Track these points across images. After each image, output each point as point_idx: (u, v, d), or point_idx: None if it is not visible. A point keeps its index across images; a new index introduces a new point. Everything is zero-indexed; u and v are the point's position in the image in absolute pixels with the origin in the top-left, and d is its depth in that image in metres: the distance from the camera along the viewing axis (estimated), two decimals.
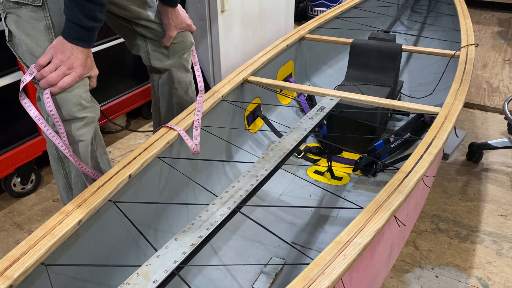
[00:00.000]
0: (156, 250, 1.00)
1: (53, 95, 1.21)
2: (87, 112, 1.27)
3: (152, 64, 1.58)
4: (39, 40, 1.22)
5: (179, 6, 1.54)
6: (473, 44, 2.03)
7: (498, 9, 4.41)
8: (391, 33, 2.46)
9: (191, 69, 1.66)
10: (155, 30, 1.52)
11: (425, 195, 1.69)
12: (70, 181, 1.36)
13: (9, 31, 1.24)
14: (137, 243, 1.31)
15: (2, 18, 1.23)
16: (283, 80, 2.22)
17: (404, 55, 2.62)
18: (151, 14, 1.50)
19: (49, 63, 1.19)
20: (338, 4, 3.78)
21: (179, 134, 1.41)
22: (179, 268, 0.96)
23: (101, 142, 1.40)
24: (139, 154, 1.29)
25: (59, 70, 1.19)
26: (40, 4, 1.18)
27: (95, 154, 1.37)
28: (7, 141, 1.82)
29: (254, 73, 1.86)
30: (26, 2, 1.18)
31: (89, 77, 1.28)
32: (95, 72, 1.28)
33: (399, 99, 2.32)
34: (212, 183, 1.65)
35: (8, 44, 1.27)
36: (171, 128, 1.41)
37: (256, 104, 1.99)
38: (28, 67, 1.26)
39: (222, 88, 1.69)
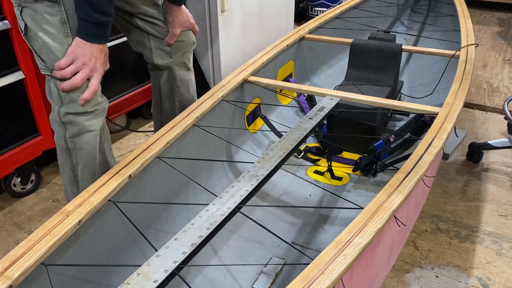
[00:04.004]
0: (156, 250, 1.00)
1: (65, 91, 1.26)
2: (98, 105, 1.31)
3: (154, 62, 1.59)
4: (54, 34, 1.24)
5: (183, 5, 1.55)
6: (473, 44, 2.03)
7: (498, 9, 4.41)
8: (391, 33, 2.46)
9: (192, 68, 1.67)
10: (159, 27, 1.53)
11: (425, 195, 1.69)
12: (77, 174, 1.37)
13: (25, 25, 1.25)
14: (137, 243, 1.31)
15: (18, 12, 1.24)
16: (283, 80, 2.22)
17: (404, 55, 2.62)
18: (156, 11, 1.52)
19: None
20: (338, 4, 3.77)
21: (178, 134, 1.41)
22: (179, 268, 0.96)
23: (107, 136, 1.43)
24: (139, 154, 1.29)
25: (83, 73, 1.24)
26: None
27: (102, 147, 1.40)
28: (7, 141, 1.82)
29: (254, 73, 1.86)
30: None
31: None
32: (107, 66, 1.34)
33: (399, 99, 2.32)
34: (212, 183, 1.65)
35: (24, 37, 1.28)
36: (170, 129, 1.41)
37: (256, 104, 1.99)
38: (43, 61, 1.27)
39: (222, 88, 1.69)
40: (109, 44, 2.11)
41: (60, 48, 1.24)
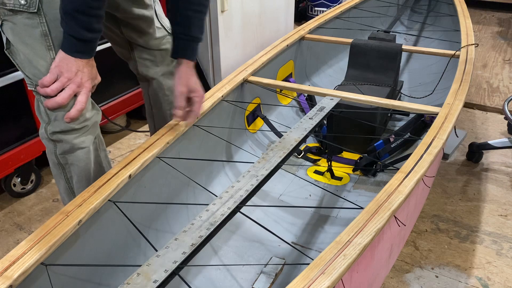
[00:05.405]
0: (156, 250, 1.00)
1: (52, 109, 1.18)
2: (86, 121, 1.24)
3: (139, 72, 1.54)
4: (36, 48, 1.17)
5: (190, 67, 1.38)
6: (473, 44, 2.03)
7: (498, 9, 4.41)
8: (391, 33, 2.46)
9: None
10: (143, 34, 1.45)
11: (425, 195, 1.69)
12: (72, 186, 1.33)
13: (7, 39, 1.19)
14: (137, 243, 1.31)
15: None
16: (283, 80, 2.22)
17: (404, 55, 2.62)
18: (144, 16, 1.44)
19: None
20: (338, 4, 3.77)
21: (178, 134, 1.41)
22: (179, 268, 0.96)
23: (103, 146, 1.38)
24: (139, 154, 1.29)
25: (69, 89, 1.15)
26: (35, 10, 1.13)
27: (99, 159, 1.35)
28: (7, 141, 1.82)
29: (254, 73, 1.86)
30: (21, 9, 1.13)
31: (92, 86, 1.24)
32: (98, 79, 1.24)
33: (399, 99, 2.32)
34: (212, 183, 1.65)
35: (6, 52, 1.21)
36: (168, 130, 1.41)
37: (256, 104, 1.99)
38: (27, 76, 1.21)
39: (222, 88, 1.69)
40: (109, 44, 2.11)
41: (42, 63, 1.17)
